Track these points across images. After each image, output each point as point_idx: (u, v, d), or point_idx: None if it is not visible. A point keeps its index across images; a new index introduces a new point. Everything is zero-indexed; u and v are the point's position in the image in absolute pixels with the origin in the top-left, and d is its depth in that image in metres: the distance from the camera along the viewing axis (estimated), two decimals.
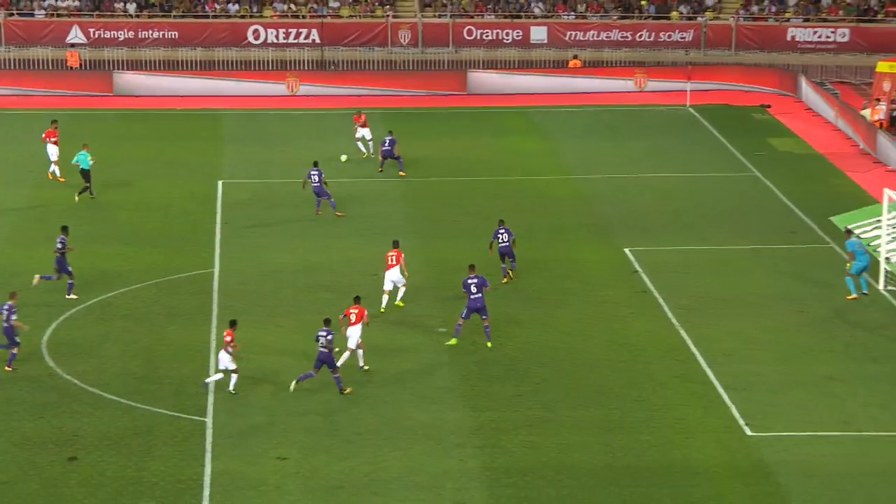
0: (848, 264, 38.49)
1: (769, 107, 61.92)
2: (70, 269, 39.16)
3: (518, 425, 31.64)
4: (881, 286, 39.80)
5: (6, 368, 34.35)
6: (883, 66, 57.19)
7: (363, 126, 53.22)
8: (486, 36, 69.74)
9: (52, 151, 50.05)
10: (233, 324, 33.49)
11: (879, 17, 69.20)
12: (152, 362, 35.06)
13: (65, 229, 40.02)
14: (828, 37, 68.61)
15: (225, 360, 32.97)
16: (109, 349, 35.83)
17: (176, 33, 69.02)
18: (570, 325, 36.61)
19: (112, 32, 68.91)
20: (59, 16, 70.05)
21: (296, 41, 69.13)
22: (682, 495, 28.69)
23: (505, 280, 39.70)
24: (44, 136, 50.25)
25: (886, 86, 56.66)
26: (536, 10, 71.05)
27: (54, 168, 50.07)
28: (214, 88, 64.10)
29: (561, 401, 32.90)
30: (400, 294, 38.05)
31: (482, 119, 60.54)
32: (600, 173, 51.83)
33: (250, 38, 69.12)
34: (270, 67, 66.99)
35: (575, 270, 41.36)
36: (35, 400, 32.97)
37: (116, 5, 70.77)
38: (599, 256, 42.72)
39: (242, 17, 70.40)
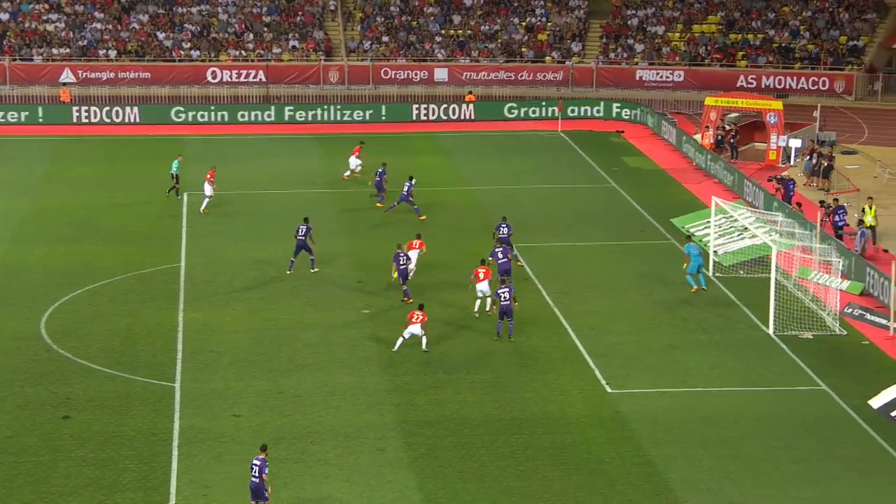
0: (685, 265, 38.61)
1: (623, 132, 62.24)
2: (311, 247, 39.29)
3: (426, 386, 31.53)
4: (710, 272, 40.14)
5: (404, 299, 36.29)
6: (710, 101, 57.67)
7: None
8: (399, 76, 69.54)
9: (353, 162, 50.96)
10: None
11: (706, 62, 69.94)
12: (130, 339, 34.52)
13: (306, 220, 39.85)
14: (667, 77, 69.18)
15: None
16: (95, 328, 35.21)
17: (149, 74, 68.10)
18: (468, 305, 36.54)
19: (97, 73, 67.85)
20: (53, 60, 68.73)
21: (246, 80, 68.47)
22: (557, 440, 28.75)
23: (520, 264, 39.80)
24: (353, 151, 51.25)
25: (713, 116, 57.21)
26: (439, 55, 70.95)
27: (350, 172, 50.89)
28: (180, 118, 63.32)
29: (459, 366, 32.83)
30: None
31: (398, 142, 60.33)
32: (491, 185, 51.83)
33: (209, 78, 68.35)
34: (225, 102, 66.21)
35: (471, 262, 41.22)
36: (35, 370, 32.33)
37: (100, 52, 69.64)
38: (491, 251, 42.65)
39: (203, 61, 69.53)
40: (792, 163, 55.29)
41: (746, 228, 41.91)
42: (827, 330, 35.47)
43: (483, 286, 35.59)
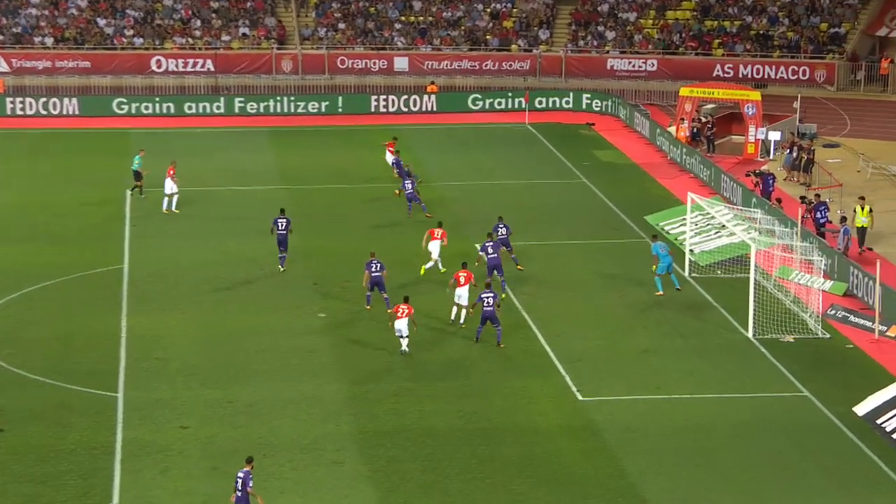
0: (654, 266, 38.70)
1: (594, 124, 62.42)
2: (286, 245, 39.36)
3: (386, 395, 31.46)
4: (686, 273, 40.30)
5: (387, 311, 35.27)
6: (685, 91, 57.93)
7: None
8: (357, 65, 69.37)
9: (390, 159, 51.03)
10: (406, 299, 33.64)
11: (681, 50, 70.25)
12: (70, 346, 34.23)
13: (283, 211, 39.92)
14: (640, 66, 69.38)
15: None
16: (32, 335, 34.89)
17: (88, 63, 67.49)
18: (431, 309, 36.45)
19: (32, 62, 67.17)
20: None
21: (193, 70, 68.05)
22: (525, 452, 28.73)
23: (520, 267, 39.91)
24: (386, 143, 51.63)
25: (688, 107, 57.47)
26: (399, 43, 70.86)
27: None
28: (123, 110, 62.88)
29: (422, 374, 32.78)
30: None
31: (355, 135, 60.21)
32: (454, 180, 51.79)
33: (153, 67, 67.88)
34: (171, 93, 65.82)
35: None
36: None
37: (36, 39, 68.97)
38: (453, 250, 42.61)
39: (147, 49, 69.06)
40: (771, 156, 55.65)
41: (724, 226, 42.11)
42: (809, 333, 35.70)
43: (462, 291, 35.11)
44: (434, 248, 39.62)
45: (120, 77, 67.08)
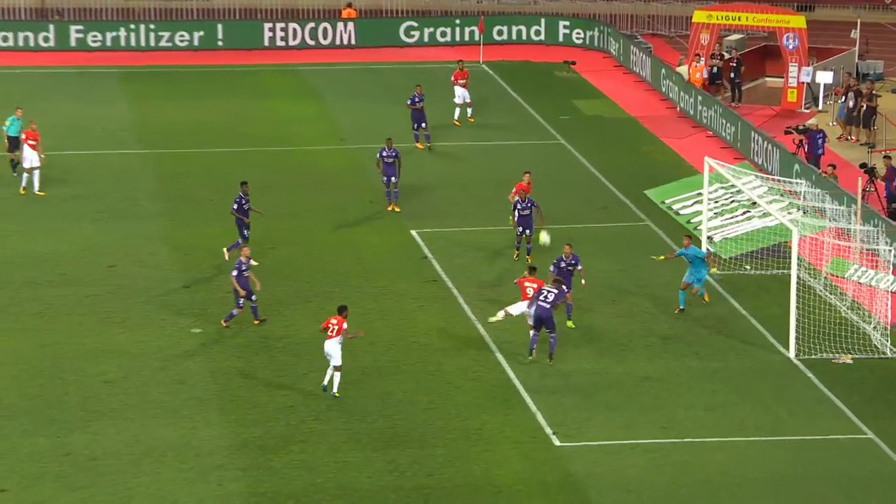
0: (711, 269, 38.94)
1: (574, 63, 62.60)
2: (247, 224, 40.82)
3: (288, 441, 31.47)
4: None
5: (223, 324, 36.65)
6: (700, 16, 58.08)
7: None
8: None
9: (460, 94, 53.94)
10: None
11: None
12: None
13: (245, 184, 40.85)
14: None
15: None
16: None
17: None
18: (349, 321, 36.47)
19: None
20: None
21: None
22: None
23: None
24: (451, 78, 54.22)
25: (705, 38, 57.63)
26: None
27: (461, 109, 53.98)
28: None
29: (334, 411, 32.79)
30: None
31: (241, 79, 60.05)
32: (380, 141, 51.73)
33: None
34: None
35: (354, 257, 41.30)
36: None
37: None
38: (382, 240, 42.73)
39: None
40: (820, 107, 56.13)
41: (754, 203, 42.40)
42: (873, 351, 36.06)
43: (518, 308, 35.56)
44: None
45: None
